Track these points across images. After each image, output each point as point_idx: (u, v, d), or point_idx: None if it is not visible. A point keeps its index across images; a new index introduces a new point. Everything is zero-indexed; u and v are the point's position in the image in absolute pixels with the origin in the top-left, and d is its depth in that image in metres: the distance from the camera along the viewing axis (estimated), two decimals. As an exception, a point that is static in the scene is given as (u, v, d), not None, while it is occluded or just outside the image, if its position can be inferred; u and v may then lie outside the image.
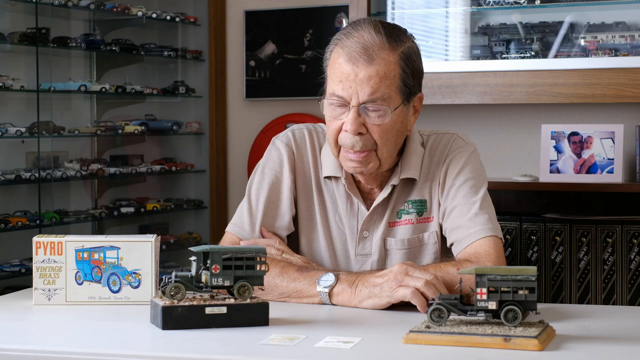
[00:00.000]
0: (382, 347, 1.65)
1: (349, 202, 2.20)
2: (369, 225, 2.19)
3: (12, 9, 3.96)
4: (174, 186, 4.56)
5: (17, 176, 3.80)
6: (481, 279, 1.66)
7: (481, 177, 2.20)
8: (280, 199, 2.22)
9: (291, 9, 4.21)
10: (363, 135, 2.08)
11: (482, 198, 2.14)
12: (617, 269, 2.87)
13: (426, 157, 2.21)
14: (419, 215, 2.18)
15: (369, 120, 2.07)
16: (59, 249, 2.01)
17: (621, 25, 3.33)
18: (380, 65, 2.05)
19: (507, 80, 3.29)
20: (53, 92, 3.93)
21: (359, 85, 2.05)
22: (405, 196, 2.19)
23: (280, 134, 2.28)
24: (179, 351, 1.61)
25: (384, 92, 2.06)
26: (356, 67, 2.05)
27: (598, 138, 3.15)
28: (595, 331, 1.78)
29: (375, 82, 2.05)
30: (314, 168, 2.24)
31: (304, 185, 2.23)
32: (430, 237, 2.18)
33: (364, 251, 2.19)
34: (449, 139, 2.23)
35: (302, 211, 2.23)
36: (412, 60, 2.11)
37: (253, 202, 2.22)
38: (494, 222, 2.13)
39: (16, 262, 3.79)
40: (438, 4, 3.64)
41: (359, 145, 2.08)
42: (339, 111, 2.09)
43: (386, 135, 2.09)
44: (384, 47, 2.06)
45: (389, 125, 2.08)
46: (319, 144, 2.26)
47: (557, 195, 3.21)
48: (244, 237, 2.20)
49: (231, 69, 4.37)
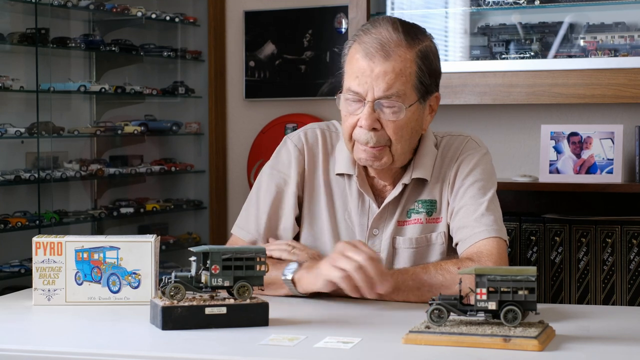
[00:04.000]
0: (382, 347, 1.65)
1: (360, 200, 2.21)
2: (379, 223, 2.20)
3: (11, 9, 3.96)
4: (173, 186, 4.56)
5: (17, 176, 3.80)
6: (481, 279, 1.67)
7: (491, 179, 2.21)
8: (286, 201, 2.23)
9: (291, 9, 4.21)
10: (377, 131, 2.09)
11: (489, 200, 2.15)
12: (617, 269, 2.87)
13: (438, 158, 2.22)
14: (429, 215, 2.19)
15: (383, 116, 2.09)
16: (59, 250, 2.01)
17: (621, 26, 3.33)
18: (396, 61, 2.07)
19: (506, 81, 3.29)
20: (52, 92, 3.93)
21: (375, 80, 2.06)
22: (416, 196, 2.21)
23: (293, 133, 2.30)
24: (179, 351, 1.61)
25: (399, 88, 2.07)
26: (372, 62, 2.07)
27: (597, 138, 3.15)
28: (594, 331, 1.78)
29: (391, 78, 2.06)
30: (324, 168, 2.25)
31: (311, 185, 2.24)
32: (438, 237, 2.19)
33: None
34: (462, 140, 2.25)
35: (308, 211, 2.24)
36: (429, 59, 2.12)
37: (261, 204, 2.24)
38: (500, 224, 2.13)
39: (16, 262, 3.79)
40: (437, 4, 3.64)
41: (373, 141, 2.09)
42: (354, 107, 2.11)
43: (400, 132, 2.10)
44: (401, 44, 2.08)
45: (403, 122, 2.09)
46: (331, 144, 2.27)
47: (557, 196, 3.21)
48: (249, 240, 2.22)
49: (231, 70, 4.37)
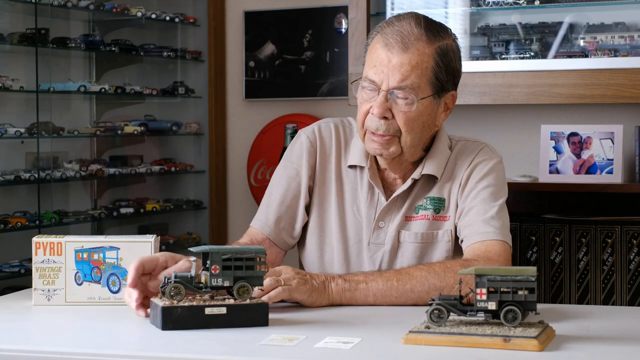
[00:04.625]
0: (382, 347, 1.65)
1: (370, 192, 2.25)
2: (385, 215, 2.23)
3: (11, 10, 3.96)
4: (173, 187, 4.55)
5: (17, 177, 3.80)
6: (481, 280, 1.67)
7: (503, 188, 2.24)
8: (295, 191, 2.29)
9: (291, 9, 4.21)
10: (388, 120, 2.14)
11: (499, 206, 2.18)
12: (617, 270, 2.87)
13: (451, 160, 2.25)
14: (436, 212, 2.22)
15: (396, 106, 2.13)
16: (59, 250, 2.01)
17: (620, 26, 3.33)
18: (413, 54, 2.11)
19: (506, 81, 3.29)
20: (52, 92, 3.92)
21: (391, 71, 2.11)
22: (425, 192, 2.23)
23: (307, 127, 2.36)
24: (179, 351, 1.61)
25: (414, 81, 2.11)
26: (390, 53, 2.12)
27: (597, 138, 3.15)
28: (594, 331, 1.78)
29: (407, 69, 2.11)
30: (337, 161, 2.30)
31: (322, 177, 2.29)
32: (445, 235, 2.21)
33: (377, 240, 2.23)
34: (478, 146, 2.28)
35: (317, 200, 2.29)
36: (448, 57, 2.16)
37: (273, 193, 2.31)
38: (507, 231, 2.16)
39: (15, 262, 3.79)
40: (437, 4, 3.64)
41: (382, 129, 2.14)
42: (369, 95, 2.16)
43: (411, 124, 2.14)
44: (421, 38, 2.13)
45: (414, 115, 2.13)
46: (345, 138, 2.32)
47: (557, 196, 3.21)
48: (264, 230, 2.28)
49: (231, 70, 4.37)
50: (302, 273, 2.00)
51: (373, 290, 2.01)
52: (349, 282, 2.02)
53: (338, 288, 2.01)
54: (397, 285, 2.01)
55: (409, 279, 2.02)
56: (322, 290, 1.99)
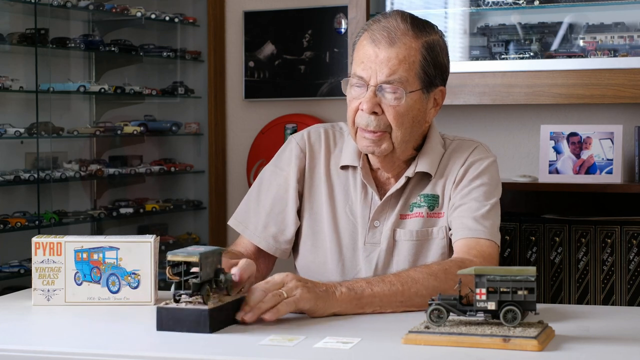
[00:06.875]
0: (381, 347, 1.65)
1: (363, 192, 2.24)
2: (380, 215, 2.22)
3: (11, 10, 3.96)
4: (173, 187, 4.56)
5: (16, 177, 3.80)
6: (480, 280, 1.67)
7: (497, 188, 2.24)
8: (286, 197, 2.28)
9: (290, 9, 4.21)
10: (378, 115, 2.14)
11: (492, 205, 2.18)
12: (616, 270, 2.87)
13: (445, 157, 2.25)
14: (430, 209, 2.22)
15: (385, 101, 2.13)
16: (58, 250, 2.01)
17: (620, 26, 3.33)
18: (400, 48, 2.12)
19: (506, 81, 3.29)
20: (52, 92, 3.93)
21: (378, 66, 2.12)
22: (419, 190, 2.23)
23: (297, 133, 2.36)
24: (178, 351, 1.61)
25: (402, 75, 2.12)
26: (377, 48, 2.13)
27: (597, 138, 3.15)
28: (594, 331, 1.78)
29: (394, 64, 2.11)
30: (326, 163, 2.29)
31: (311, 180, 2.29)
32: (439, 232, 2.21)
33: (373, 240, 2.22)
34: (473, 145, 2.28)
35: (308, 204, 2.28)
36: (435, 51, 2.17)
37: (262, 199, 2.29)
38: (497, 231, 2.17)
39: (15, 262, 3.79)
40: (437, 4, 3.64)
41: (373, 125, 2.14)
42: (358, 91, 2.16)
43: (400, 119, 2.14)
44: (407, 33, 2.14)
45: (403, 109, 2.13)
46: (334, 141, 2.32)
47: (556, 196, 3.21)
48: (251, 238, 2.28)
49: (230, 70, 4.37)
50: (304, 280, 1.91)
51: (379, 297, 1.95)
52: (353, 291, 1.94)
53: (343, 297, 1.92)
54: (402, 289, 1.96)
55: (413, 283, 1.97)
56: (326, 298, 1.91)
